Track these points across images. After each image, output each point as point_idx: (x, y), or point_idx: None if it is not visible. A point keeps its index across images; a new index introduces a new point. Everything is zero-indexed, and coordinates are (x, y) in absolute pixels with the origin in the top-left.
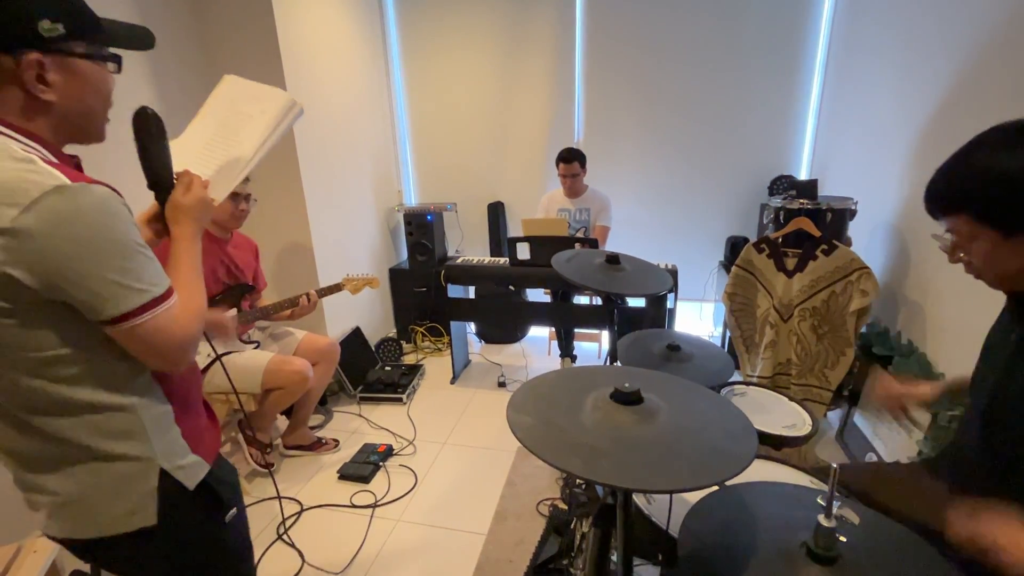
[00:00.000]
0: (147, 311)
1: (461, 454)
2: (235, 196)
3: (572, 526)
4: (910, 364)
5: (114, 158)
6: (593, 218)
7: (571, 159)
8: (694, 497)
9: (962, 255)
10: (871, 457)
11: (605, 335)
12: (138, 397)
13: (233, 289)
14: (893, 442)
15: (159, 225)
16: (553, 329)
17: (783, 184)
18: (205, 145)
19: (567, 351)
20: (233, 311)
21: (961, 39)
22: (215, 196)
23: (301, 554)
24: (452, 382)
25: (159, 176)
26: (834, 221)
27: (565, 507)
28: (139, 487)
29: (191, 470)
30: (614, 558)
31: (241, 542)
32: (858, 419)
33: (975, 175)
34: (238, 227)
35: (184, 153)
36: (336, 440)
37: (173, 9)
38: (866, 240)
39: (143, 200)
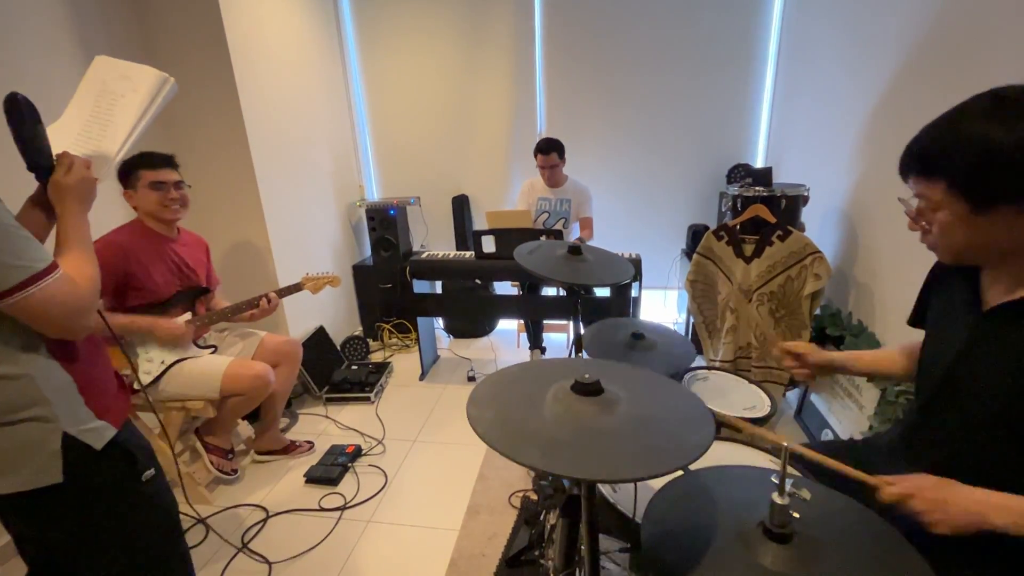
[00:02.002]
0: (31, 285)
1: (432, 451)
2: (160, 184)
3: (542, 517)
4: (860, 343)
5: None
6: (575, 210)
7: (548, 150)
8: (659, 484)
9: (924, 223)
10: (827, 434)
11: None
12: (35, 368)
13: (186, 292)
14: (847, 419)
15: (47, 207)
16: (522, 321)
17: (740, 172)
18: (82, 127)
19: (536, 343)
20: (187, 315)
21: (905, 32)
22: (98, 176)
23: (268, 562)
24: (421, 379)
25: (36, 158)
26: (788, 207)
27: (536, 498)
28: (42, 449)
29: (97, 433)
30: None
31: (163, 501)
32: (815, 398)
33: (960, 143)
34: (176, 218)
35: (62, 136)
36: (310, 442)
37: (111, 3)
38: (818, 225)
39: (28, 183)
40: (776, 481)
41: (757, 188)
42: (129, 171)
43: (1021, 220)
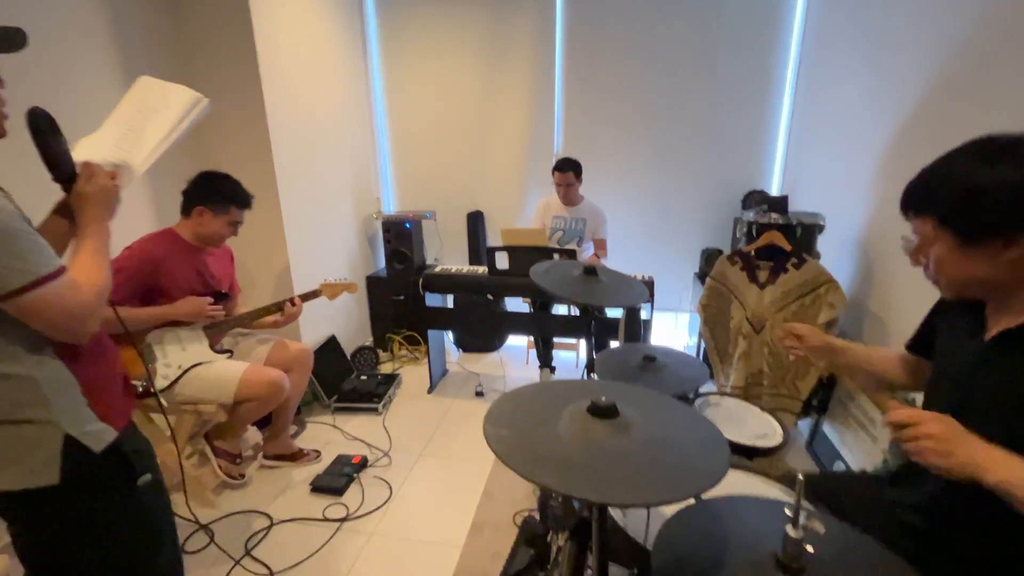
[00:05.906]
0: (35, 288)
1: (437, 465)
2: (237, 224)
3: (548, 539)
4: None
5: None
6: (590, 230)
7: (565, 168)
8: (670, 511)
9: (922, 258)
10: (839, 466)
11: (583, 344)
12: (39, 369)
13: (207, 296)
14: (860, 451)
15: (71, 215)
16: (531, 338)
17: (755, 198)
18: (118, 138)
19: (546, 361)
20: (208, 299)
21: (925, 62)
22: (122, 184)
23: (270, 569)
24: (429, 392)
25: (58, 168)
26: (804, 236)
27: (539, 518)
28: (44, 449)
29: (97, 435)
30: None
31: (157, 508)
32: (827, 428)
33: (948, 181)
34: (218, 247)
35: (100, 147)
36: (317, 451)
37: (148, 13)
38: (834, 254)
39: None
40: (789, 513)
41: (773, 215)
42: (224, 200)
43: (1008, 254)
